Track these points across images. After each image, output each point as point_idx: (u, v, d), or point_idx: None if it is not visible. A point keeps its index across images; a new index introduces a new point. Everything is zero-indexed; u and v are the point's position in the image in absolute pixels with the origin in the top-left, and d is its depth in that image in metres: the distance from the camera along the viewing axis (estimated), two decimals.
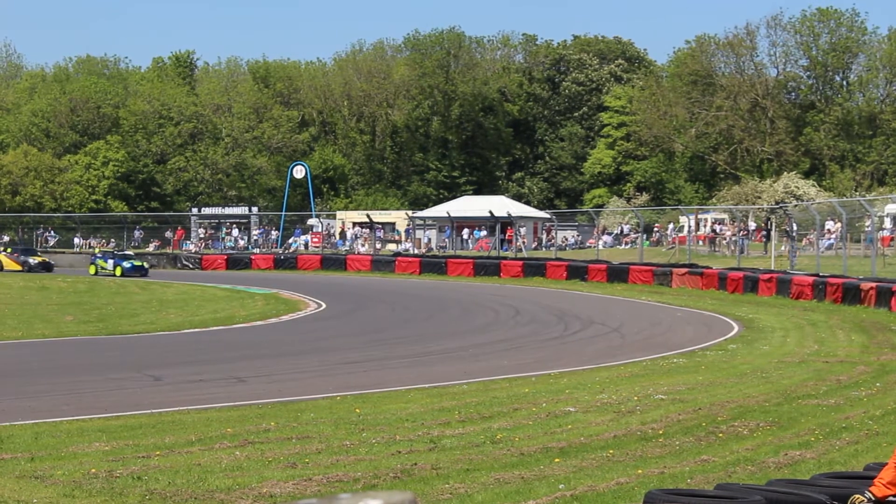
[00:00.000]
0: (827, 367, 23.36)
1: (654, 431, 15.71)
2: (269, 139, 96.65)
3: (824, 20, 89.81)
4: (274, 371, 23.01)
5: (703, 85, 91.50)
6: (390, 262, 63.74)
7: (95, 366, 23.68)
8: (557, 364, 24.39)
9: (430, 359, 25.84)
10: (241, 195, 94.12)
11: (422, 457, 13.95)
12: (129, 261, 60.63)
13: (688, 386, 20.40)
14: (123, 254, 63.33)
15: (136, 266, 59.81)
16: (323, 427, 15.95)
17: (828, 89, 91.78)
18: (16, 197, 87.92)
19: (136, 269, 59.47)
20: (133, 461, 13.50)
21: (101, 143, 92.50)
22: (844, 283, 39.90)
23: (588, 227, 78.27)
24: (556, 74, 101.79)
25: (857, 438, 15.44)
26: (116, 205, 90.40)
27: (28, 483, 12.45)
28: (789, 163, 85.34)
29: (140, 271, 59.48)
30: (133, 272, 59.06)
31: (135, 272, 59.09)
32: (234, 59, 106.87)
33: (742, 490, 9.04)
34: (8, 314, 36.08)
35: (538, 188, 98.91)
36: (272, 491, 12.14)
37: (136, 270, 59.42)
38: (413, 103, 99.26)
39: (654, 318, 36.40)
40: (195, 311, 38.08)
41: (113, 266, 60.04)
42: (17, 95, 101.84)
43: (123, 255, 62.26)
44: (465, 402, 18.51)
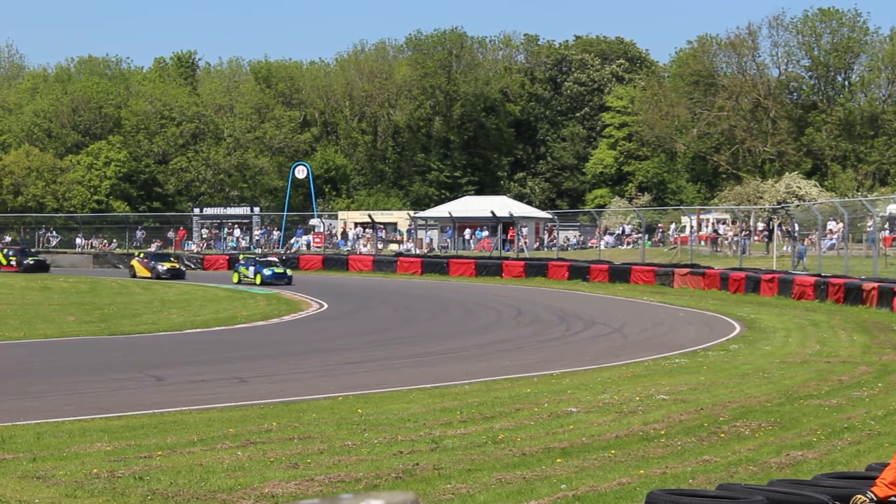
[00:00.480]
0: (829, 368, 23.36)
1: (656, 432, 15.71)
2: (271, 139, 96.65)
3: (826, 20, 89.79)
4: (276, 371, 23.02)
5: (704, 85, 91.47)
6: (392, 262, 63.74)
7: (97, 366, 23.69)
8: (559, 364, 24.39)
9: (432, 359, 25.84)
10: (243, 195, 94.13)
11: (424, 457, 13.96)
12: (270, 268, 54.07)
13: (690, 386, 20.40)
14: (266, 260, 56.67)
15: (277, 274, 53.43)
16: (325, 427, 15.95)
17: (829, 89, 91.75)
18: (18, 197, 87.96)
19: (277, 277, 53.12)
20: (135, 461, 13.51)
21: (102, 143, 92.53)
22: (846, 283, 39.88)
23: (590, 228, 78.25)
24: (558, 75, 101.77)
25: (858, 439, 15.44)
26: (118, 205, 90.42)
27: (30, 483, 12.45)
28: (791, 163, 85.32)
29: (283, 279, 53.06)
30: (274, 280, 52.91)
31: (277, 280, 52.89)
32: (235, 60, 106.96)
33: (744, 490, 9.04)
34: (10, 314, 36.10)
35: (540, 188, 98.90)
36: (274, 491, 12.14)
37: (279, 278, 53.02)
38: (415, 103, 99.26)
39: (655, 319, 36.39)
40: (197, 312, 38.09)
41: (253, 274, 53.93)
42: (19, 95, 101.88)
43: (266, 262, 55.58)
44: (466, 402, 18.51)
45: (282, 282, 52.57)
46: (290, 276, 53.86)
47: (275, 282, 52.59)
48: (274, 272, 53.61)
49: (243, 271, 54.80)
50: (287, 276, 53.50)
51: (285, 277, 53.29)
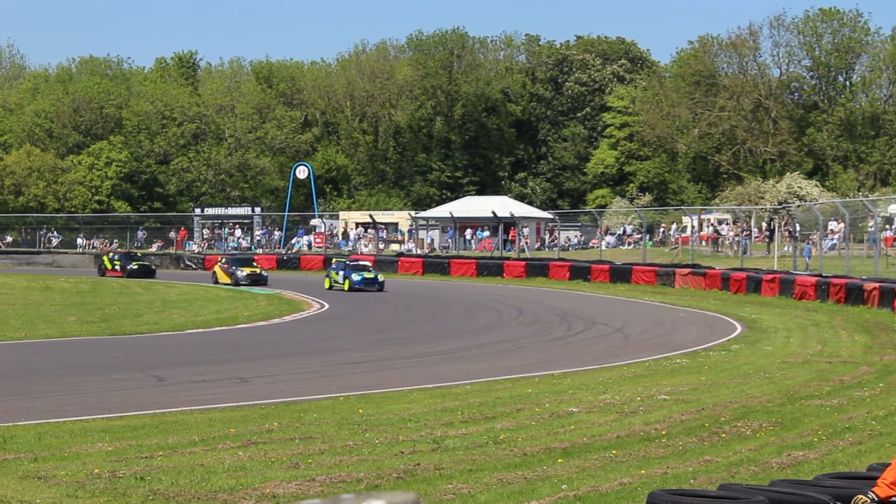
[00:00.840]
0: (830, 368, 23.36)
1: (658, 432, 15.71)
2: (272, 139, 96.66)
3: (827, 20, 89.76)
4: (277, 371, 23.02)
5: (706, 85, 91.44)
6: (393, 262, 63.74)
7: (99, 366, 23.70)
8: (560, 364, 24.39)
9: (433, 359, 25.85)
10: (244, 195, 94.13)
11: (425, 457, 13.96)
12: (359, 272, 49.18)
13: (691, 386, 20.40)
14: (356, 263, 51.61)
15: (367, 279, 48.51)
16: (326, 427, 15.95)
17: (831, 90, 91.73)
18: (19, 197, 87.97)
19: (367, 283, 48.33)
20: (136, 461, 13.51)
21: (104, 143, 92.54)
22: (847, 283, 39.88)
23: (591, 228, 78.24)
24: (559, 75, 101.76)
25: (860, 439, 15.44)
26: (119, 205, 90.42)
27: (31, 483, 12.46)
28: (792, 163, 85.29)
29: (373, 285, 48.37)
30: (364, 286, 48.17)
31: (367, 286, 48.16)
32: (237, 60, 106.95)
33: (745, 490, 9.04)
34: (11, 314, 36.11)
35: (541, 188, 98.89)
36: (275, 491, 12.15)
37: (369, 284, 48.26)
38: (416, 104, 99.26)
39: (657, 319, 36.39)
40: (198, 312, 38.09)
41: (342, 279, 49.12)
42: (21, 96, 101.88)
43: (355, 266, 50.46)
44: (468, 402, 18.51)
45: (372, 288, 48.05)
46: (381, 281, 48.82)
47: (364, 288, 47.95)
48: (364, 277, 48.64)
49: (334, 276, 49.66)
50: (378, 282, 48.54)
51: (376, 283, 48.41)
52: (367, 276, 48.71)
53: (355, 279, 48.31)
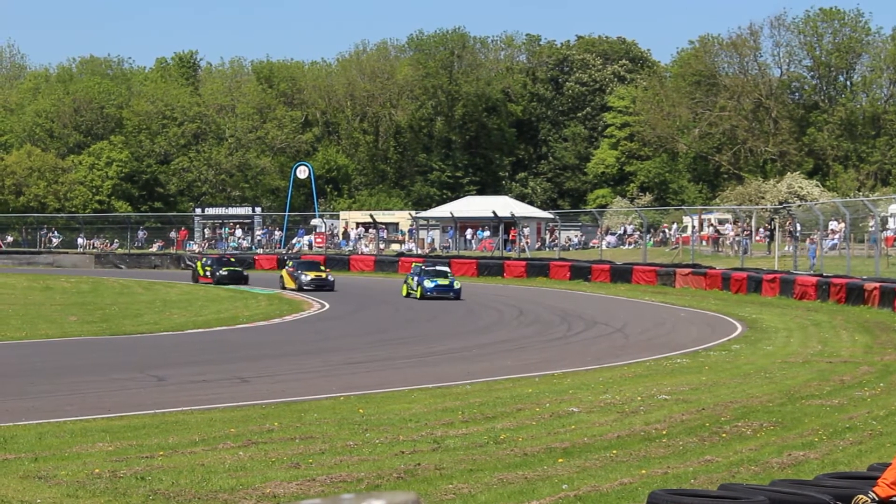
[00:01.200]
0: (830, 368, 23.35)
1: (658, 432, 15.71)
2: (273, 139, 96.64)
3: (828, 20, 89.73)
4: (277, 371, 23.03)
5: (706, 85, 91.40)
6: (394, 262, 63.73)
7: (99, 366, 23.70)
8: (561, 364, 24.40)
9: (434, 359, 25.85)
10: (245, 195, 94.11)
11: (425, 457, 13.96)
12: (433, 278, 44.72)
13: (691, 386, 20.40)
14: (432, 269, 46.48)
15: (441, 286, 44.10)
16: (326, 427, 15.95)
17: (831, 89, 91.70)
18: (19, 197, 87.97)
19: (441, 290, 43.97)
20: (136, 461, 13.51)
21: (104, 143, 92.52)
22: (848, 283, 39.87)
23: (591, 228, 78.21)
24: (560, 75, 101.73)
25: (860, 439, 15.44)
26: (120, 205, 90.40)
27: (32, 483, 12.46)
28: (793, 163, 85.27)
29: (448, 292, 43.96)
30: (437, 294, 43.86)
31: (441, 294, 43.85)
32: (237, 60, 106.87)
33: (746, 490, 9.04)
34: (12, 314, 36.11)
35: (541, 188, 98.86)
36: (276, 491, 12.15)
37: (443, 291, 43.90)
38: (416, 103, 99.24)
39: (657, 319, 36.40)
40: (199, 312, 38.08)
41: (416, 285, 44.81)
42: (21, 96, 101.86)
43: (431, 272, 45.69)
44: (468, 402, 18.51)
45: (447, 296, 43.62)
46: (458, 288, 44.38)
47: (438, 296, 43.54)
48: (437, 284, 44.20)
49: (409, 283, 45.49)
50: (454, 290, 44.09)
51: (451, 291, 44.00)
52: (440, 283, 44.20)
53: (427, 286, 43.84)
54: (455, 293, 44.09)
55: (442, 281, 44.54)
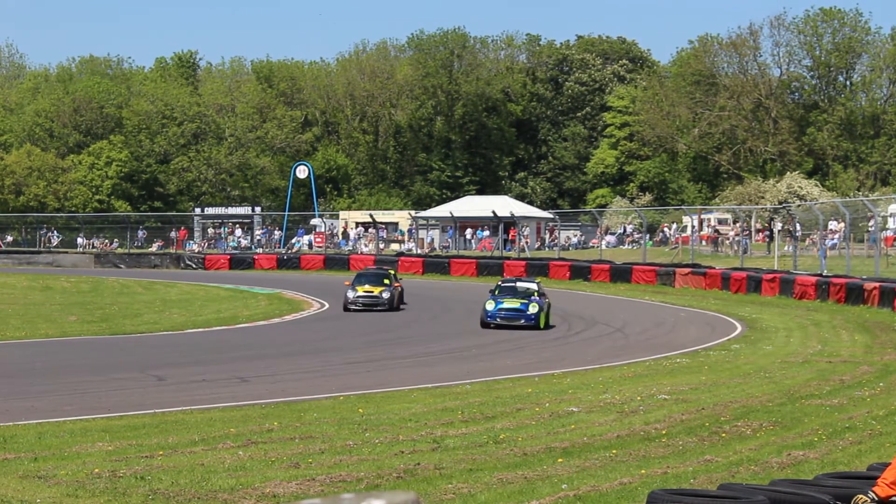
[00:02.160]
0: (830, 368, 23.36)
1: (658, 431, 15.71)
2: (273, 139, 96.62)
3: (828, 20, 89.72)
4: (277, 371, 23.03)
5: (706, 85, 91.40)
6: (393, 262, 63.68)
7: (99, 366, 23.70)
8: (561, 364, 24.40)
9: (434, 359, 25.86)
10: (245, 195, 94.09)
11: (425, 457, 13.96)
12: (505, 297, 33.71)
13: (691, 386, 20.40)
14: (510, 285, 35.18)
15: (510, 311, 33.01)
16: (326, 427, 15.95)
17: (831, 89, 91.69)
18: (19, 197, 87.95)
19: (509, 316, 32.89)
20: (136, 461, 13.51)
21: (104, 143, 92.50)
22: (848, 283, 39.88)
23: (591, 227, 78.19)
24: (560, 74, 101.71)
25: (860, 438, 15.44)
26: (120, 205, 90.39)
27: (31, 483, 12.46)
28: (792, 163, 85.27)
29: (518, 318, 32.79)
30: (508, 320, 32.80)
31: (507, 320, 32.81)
32: (237, 59, 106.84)
33: (745, 490, 9.04)
34: (11, 314, 36.10)
35: (541, 188, 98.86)
36: (275, 491, 12.15)
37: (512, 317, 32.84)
38: (416, 103, 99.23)
39: (657, 318, 36.40)
40: (198, 312, 38.08)
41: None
42: (21, 95, 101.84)
43: (508, 288, 34.70)
44: (468, 402, 18.51)
45: (517, 322, 32.74)
46: (533, 314, 32.81)
47: (504, 323, 32.80)
48: (502, 308, 33.15)
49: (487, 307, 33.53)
50: (528, 316, 32.81)
51: (523, 317, 32.80)
52: (508, 307, 32.97)
53: (489, 310, 33.02)
54: (529, 319, 32.56)
55: (511, 302, 33.16)
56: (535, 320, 32.61)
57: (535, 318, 32.62)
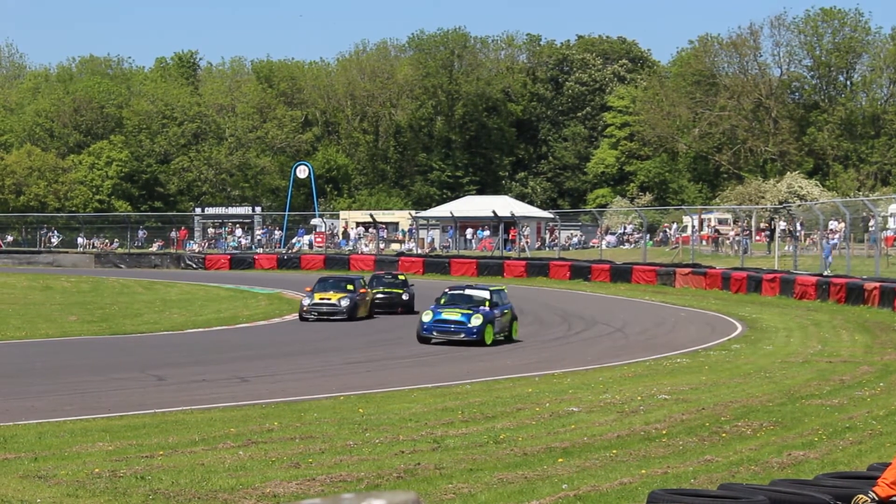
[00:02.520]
0: (830, 368, 23.35)
1: (658, 431, 15.71)
2: (273, 139, 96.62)
3: (828, 20, 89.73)
4: (277, 371, 23.03)
5: (706, 85, 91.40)
6: (393, 261, 63.69)
7: (99, 366, 23.70)
8: (561, 364, 24.40)
9: (434, 359, 25.85)
10: (245, 195, 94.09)
11: (425, 457, 13.96)
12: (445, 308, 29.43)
13: (691, 386, 20.40)
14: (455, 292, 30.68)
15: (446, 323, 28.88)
16: (326, 427, 15.95)
17: (831, 89, 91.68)
18: (20, 197, 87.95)
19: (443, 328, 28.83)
20: (136, 461, 13.51)
21: (104, 143, 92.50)
22: (848, 283, 39.86)
23: (591, 227, 78.19)
24: (560, 74, 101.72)
25: (860, 438, 15.44)
26: (120, 205, 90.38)
27: (31, 483, 12.45)
28: (793, 163, 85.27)
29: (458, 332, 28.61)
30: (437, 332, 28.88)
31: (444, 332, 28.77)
32: (237, 59, 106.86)
33: (746, 490, 9.04)
34: (12, 314, 36.10)
35: (541, 188, 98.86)
36: (276, 491, 12.15)
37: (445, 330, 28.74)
38: (416, 103, 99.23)
39: (657, 318, 36.39)
40: (198, 311, 38.08)
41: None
42: (21, 95, 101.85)
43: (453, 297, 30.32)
44: (468, 402, 18.51)
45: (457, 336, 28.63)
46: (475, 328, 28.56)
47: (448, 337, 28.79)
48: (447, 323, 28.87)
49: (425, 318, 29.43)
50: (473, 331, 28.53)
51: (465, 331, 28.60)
52: (447, 318, 28.86)
53: (425, 322, 29.03)
54: (470, 333, 28.35)
55: (451, 313, 28.89)
56: (478, 334, 28.11)
57: (478, 332, 28.10)
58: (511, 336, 29.99)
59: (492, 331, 28.80)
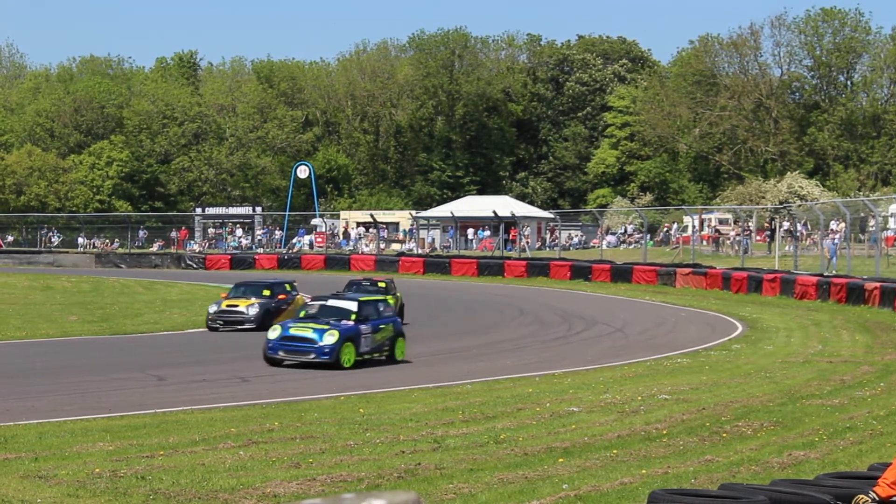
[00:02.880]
0: (831, 367, 23.35)
1: (658, 431, 15.71)
2: (273, 139, 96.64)
3: (828, 20, 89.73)
4: (277, 371, 23.02)
5: (706, 85, 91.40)
6: (394, 262, 63.71)
7: (99, 366, 23.70)
8: (561, 364, 24.39)
9: (434, 359, 25.84)
10: (245, 195, 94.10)
11: (426, 457, 13.95)
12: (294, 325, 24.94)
13: (692, 386, 20.39)
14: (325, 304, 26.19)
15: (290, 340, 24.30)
16: (327, 427, 15.95)
17: (832, 89, 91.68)
18: (20, 197, 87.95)
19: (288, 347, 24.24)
20: (137, 461, 13.51)
21: (105, 143, 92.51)
22: (848, 283, 39.85)
23: (592, 227, 78.19)
24: (560, 74, 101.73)
25: (860, 438, 15.43)
26: (120, 205, 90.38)
27: (32, 483, 12.45)
28: (793, 163, 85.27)
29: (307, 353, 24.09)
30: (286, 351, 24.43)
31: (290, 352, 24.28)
32: (238, 59, 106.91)
33: (746, 490, 9.04)
34: (12, 314, 36.09)
35: (542, 188, 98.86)
36: (276, 491, 12.15)
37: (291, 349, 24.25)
38: (417, 103, 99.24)
39: (657, 318, 36.38)
40: (199, 311, 38.01)
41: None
42: (21, 95, 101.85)
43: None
44: (468, 401, 18.51)
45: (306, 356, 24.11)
46: (328, 348, 23.85)
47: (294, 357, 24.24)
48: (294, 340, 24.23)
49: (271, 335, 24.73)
50: (325, 351, 23.84)
51: (315, 351, 23.99)
52: (295, 335, 24.09)
53: (270, 339, 24.21)
54: (321, 353, 23.56)
55: (299, 329, 24.22)
56: (331, 355, 23.38)
57: (332, 353, 23.39)
58: (393, 356, 25.01)
59: (352, 351, 23.84)
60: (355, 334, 24.18)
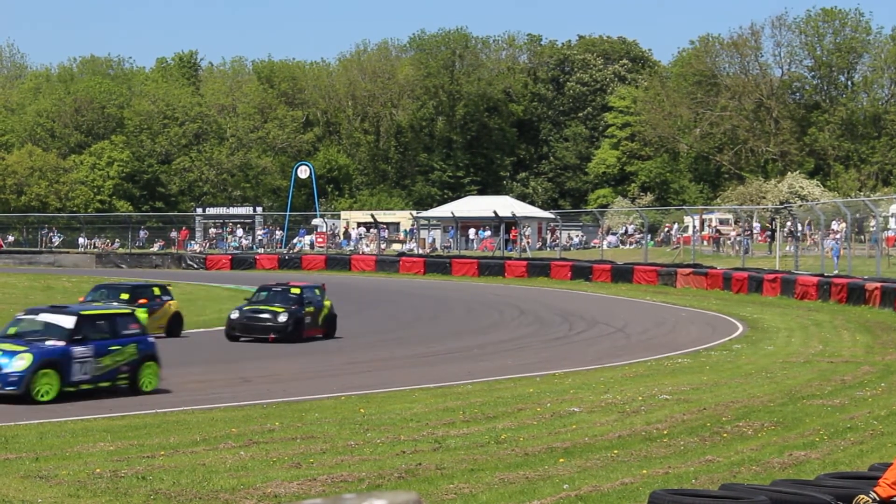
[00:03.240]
0: (831, 368, 23.35)
1: (659, 432, 15.71)
2: (274, 139, 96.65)
3: (829, 20, 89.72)
4: (278, 371, 23.03)
5: (707, 85, 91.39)
6: (395, 262, 63.72)
7: None
8: (562, 364, 24.39)
9: (435, 359, 25.85)
10: (246, 195, 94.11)
11: (426, 457, 13.96)
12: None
13: (692, 386, 20.39)
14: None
15: None
16: (327, 427, 15.95)
17: (832, 89, 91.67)
18: (21, 197, 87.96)
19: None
20: (138, 461, 13.51)
21: (105, 143, 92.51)
22: (849, 283, 39.85)
23: (592, 228, 78.19)
24: (561, 75, 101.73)
25: (861, 439, 15.43)
26: (121, 205, 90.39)
27: (33, 483, 12.46)
28: (794, 163, 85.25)
29: None
30: None
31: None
32: (238, 60, 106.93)
33: (747, 490, 9.04)
34: (12, 314, 36.04)
35: (542, 188, 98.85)
36: (277, 491, 12.15)
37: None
38: (417, 103, 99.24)
39: (658, 319, 36.38)
40: (199, 311, 38.06)
41: None
42: (22, 95, 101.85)
43: None
44: (469, 402, 18.51)
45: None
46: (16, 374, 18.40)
47: None
48: None
49: None
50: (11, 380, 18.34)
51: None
52: None
53: None
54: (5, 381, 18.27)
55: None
56: (19, 385, 18.23)
57: (20, 382, 18.19)
58: (136, 384, 19.67)
59: (55, 380, 18.58)
60: (62, 358, 18.81)
